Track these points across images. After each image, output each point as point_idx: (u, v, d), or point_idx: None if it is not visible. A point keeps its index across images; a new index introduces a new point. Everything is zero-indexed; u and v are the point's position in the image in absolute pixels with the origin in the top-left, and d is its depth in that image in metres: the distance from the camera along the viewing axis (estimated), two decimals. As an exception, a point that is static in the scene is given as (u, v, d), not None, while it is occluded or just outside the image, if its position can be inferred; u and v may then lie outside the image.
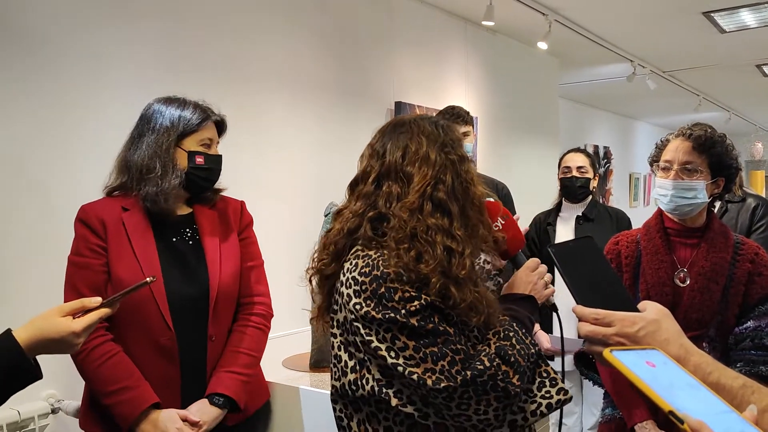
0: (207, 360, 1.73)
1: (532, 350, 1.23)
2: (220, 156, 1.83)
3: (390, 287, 1.17)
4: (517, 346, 1.21)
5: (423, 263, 1.18)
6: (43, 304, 1.25)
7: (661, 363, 0.76)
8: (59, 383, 2.16)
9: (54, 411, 2.18)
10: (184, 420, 1.63)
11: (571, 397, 1.25)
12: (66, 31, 2.27)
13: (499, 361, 1.17)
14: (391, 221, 1.23)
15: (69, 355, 1.60)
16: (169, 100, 1.78)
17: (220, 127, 1.87)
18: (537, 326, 2.99)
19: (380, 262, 1.19)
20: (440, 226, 1.21)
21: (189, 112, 1.76)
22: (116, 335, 1.67)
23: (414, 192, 1.23)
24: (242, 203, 1.94)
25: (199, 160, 1.75)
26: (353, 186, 1.34)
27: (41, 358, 1.18)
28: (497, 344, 1.21)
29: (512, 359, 1.18)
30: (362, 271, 1.20)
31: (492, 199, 1.38)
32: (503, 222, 1.40)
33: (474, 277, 1.23)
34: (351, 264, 1.24)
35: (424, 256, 1.18)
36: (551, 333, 3.02)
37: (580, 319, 0.94)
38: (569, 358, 2.92)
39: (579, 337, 0.96)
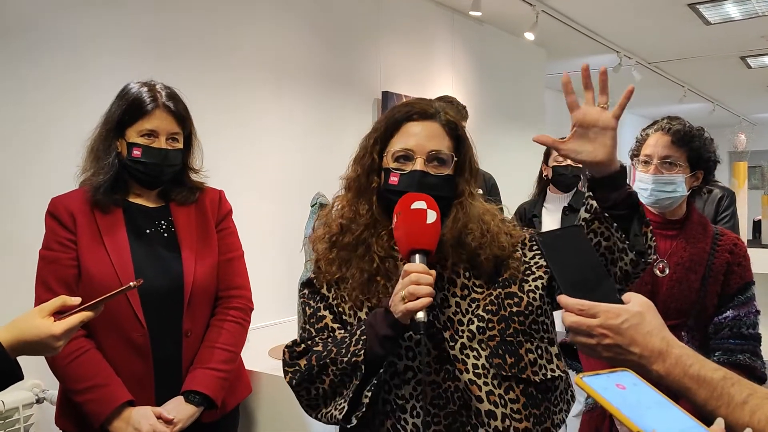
0: (182, 356, 1.68)
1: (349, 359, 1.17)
2: (167, 150, 1.65)
3: None
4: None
5: None
6: (7, 302, 1.22)
7: (631, 384, 0.78)
8: (44, 373, 2.14)
9: (39, 401, 2.17)
10: (159, 417, 1.59)
11: None
12: (48, 17, 2.24)
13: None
14: None
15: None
16: (139, 84, 1.69)
17: (179, 117, 1.69)
18: None
19: None
20: None
21: (135, 98, 1.65)
22: (89, 331, 1.62)
23: None
24: (221, 192, 1.84)
25: (137, 152, 1.63)
26: None
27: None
28: None
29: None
30: None
31: None
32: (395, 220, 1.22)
33: None
34: None
35: None
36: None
37: (565, 309, 0.95)
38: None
39: (563, 327, 0.97)
